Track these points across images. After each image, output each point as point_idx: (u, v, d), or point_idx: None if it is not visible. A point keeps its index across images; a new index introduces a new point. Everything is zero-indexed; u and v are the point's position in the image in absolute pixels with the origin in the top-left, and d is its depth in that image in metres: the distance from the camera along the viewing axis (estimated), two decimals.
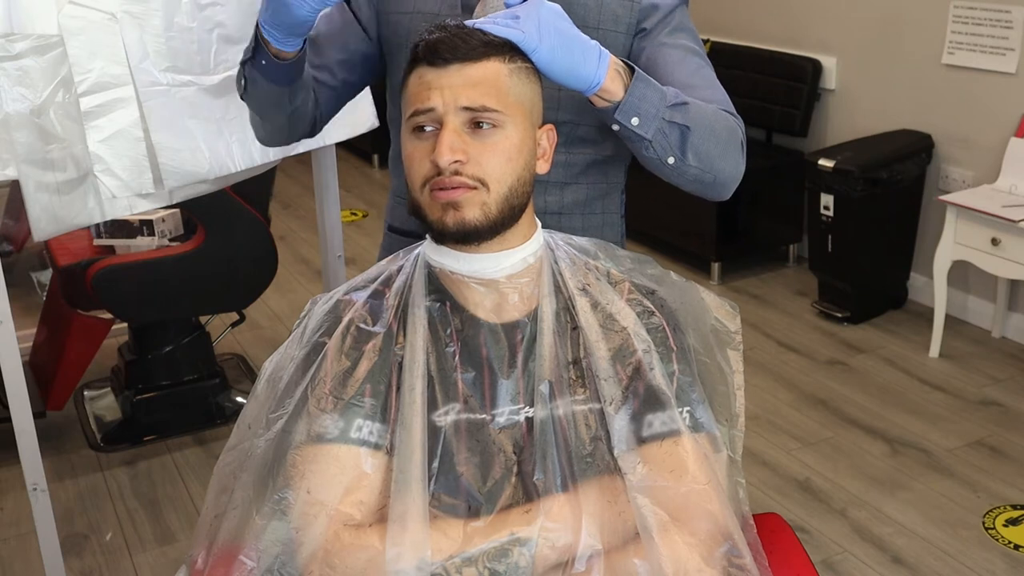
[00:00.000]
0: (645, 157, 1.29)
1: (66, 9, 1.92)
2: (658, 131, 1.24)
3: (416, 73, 1.17)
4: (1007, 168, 3.31)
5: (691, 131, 1.26)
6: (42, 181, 1.98)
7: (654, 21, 1.39)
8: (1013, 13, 3.32)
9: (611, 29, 1.38)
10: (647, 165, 1.31)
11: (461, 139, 1.13)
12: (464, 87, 1.13)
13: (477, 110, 1.13)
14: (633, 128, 1.23)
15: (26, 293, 3.57)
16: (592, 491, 1.14)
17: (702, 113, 1.29)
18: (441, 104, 1.13)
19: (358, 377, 1.17)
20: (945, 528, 2.54)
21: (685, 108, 1.26)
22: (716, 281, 4.10)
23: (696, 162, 1.28)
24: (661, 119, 1.24)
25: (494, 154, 1.14)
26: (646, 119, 1.23)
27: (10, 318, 1.98)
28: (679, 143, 1.26)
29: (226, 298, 2.99)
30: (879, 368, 3.38)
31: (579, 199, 1.45)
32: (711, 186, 1.33)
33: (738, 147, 1.34)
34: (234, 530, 1.17)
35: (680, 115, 1.26)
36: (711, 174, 1.31)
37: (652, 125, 1.24)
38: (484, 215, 1.15)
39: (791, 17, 4.21)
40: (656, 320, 1.22)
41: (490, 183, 1.14)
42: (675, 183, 1.32)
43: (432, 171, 1.14)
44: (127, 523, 2.65)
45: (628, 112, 1.22)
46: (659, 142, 1.25)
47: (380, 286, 1.24)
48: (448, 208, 1.14)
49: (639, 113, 1.23)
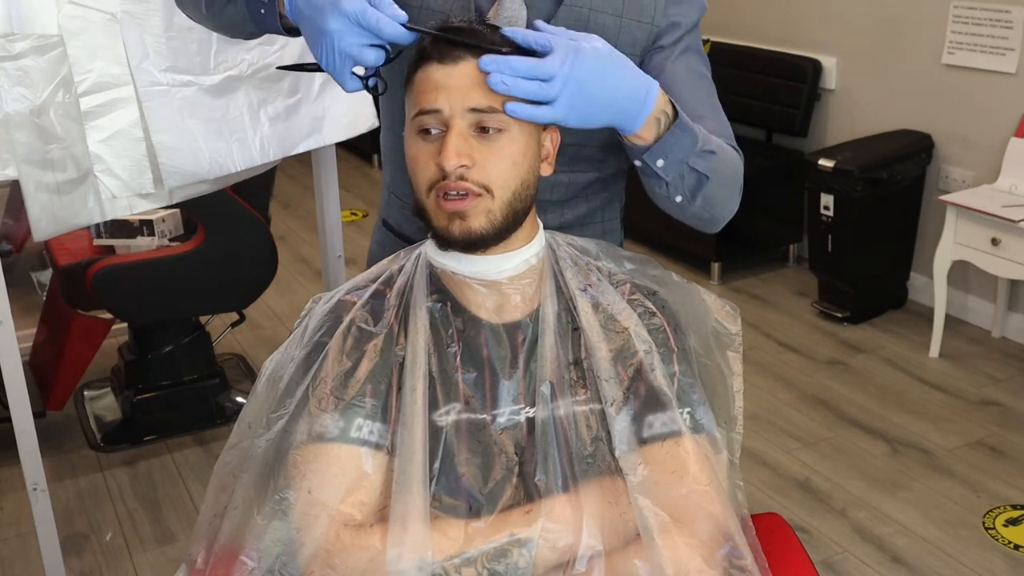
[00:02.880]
0: (654, 192, 1.25)
1: (66, 9, 1.92)
2: (678, 175, 1.21)
3: (423, 70, 1.14)
4: (1007, 168, 3.31)
5: (709, 180, 1.23)
6: (42, 181, 1.98)
7: (670, 39, 1.35)
8: (1013, 13, 3.32)
9: (628, 52, 1.33)
10: (651, 196, 1.28)
11: (467, 143, 1.12)
12: (472, 88, 1.11)
13: (485, 111, 1.11)
14: (656, 168, 1.19)
15: (26, 293, 3.57)
16: (593, 492, 1.14)
17: (722, 162, 1.26)
18: (448, 107, 1.12)
19: (359, 377, 1.17)
20: (945, 528, 2.54)
21: (711, 157, 1.23)
22: (716, 281, 4.10)
23: (702, 204, 1.26)
24: (685, 164, 1.20)
25: (500, 159, 1.13)
26: (671, 163, 1.19)
27: (10, 318, 1.98)
28: (693, 188, 1.23)
29: (226, 298, 2.98)
30: (879, 368, 3.38)
31: (579, 214, 1.43)
32: (706, 222, 1.31)
33: (739, 189, 1.32)
34: (235, 530, 1.17)
35: (704, 163, 1.22)
36: (709, 213, 1.29)
37: (675, 169, 1.20)
38: (490, 223, 1.14)
39: (791, 17, 4.21)
40: (657, 321, 1.22)
41: (494, 189, 1.13)
42: (671, 214, 1.29)
43: (438, 175, 1.13)
44: (127, 523, 2.65)
45: (656, 155, 1.18)
46: (675, 184, 1.22)
47: (381, 286, 1.23)
48: (454, 218, 1.13)
49: (666, 156, 1.18)
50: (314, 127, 2.37)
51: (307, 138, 2.36)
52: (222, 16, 1.36)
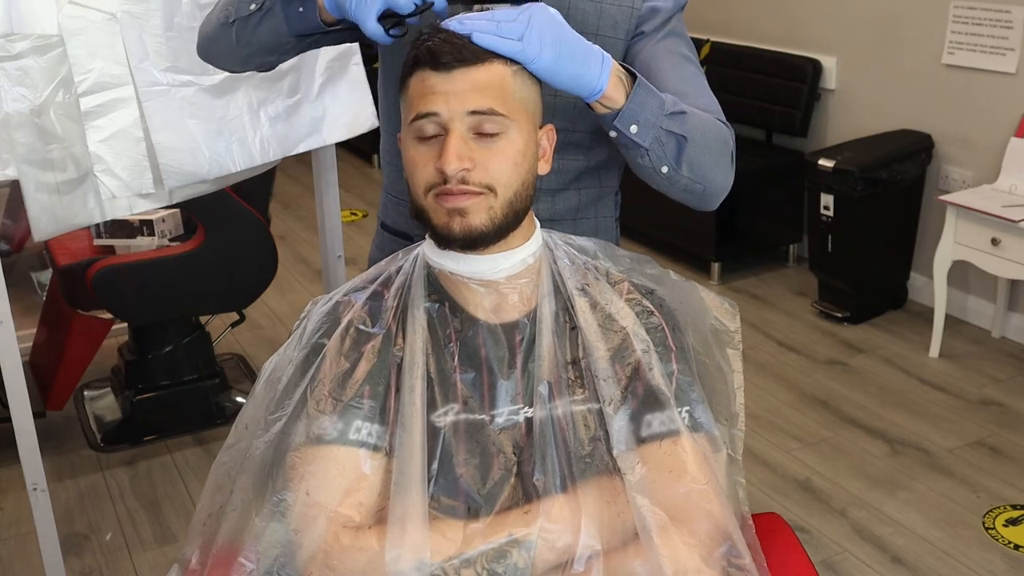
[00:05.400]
0: (639, 165, 1.27)
1: (66, 9, 1.92)
2: (655, 140, 1.23)
3: (418, 76, 1.14)
4: (1007, 168, 3.31)
5: (688, 141, 1.25)
6: (42, 181, 1.98)
7: (651, 25, 1.37)
8: (1013, 13, 3.32)
9: (610, 35, 1.36)
10: (639, 173, 1.29)
11: (467, 146, 1.12)
12: (470, 92, 1.11)
13: (485, 113, 1.12)
14: (631, 136, 1.22)
15: (26, 293, 3.56)
16: (591, 491, 1.14)
17: (698, 123, 1.27)
18: (447, 110, 1.12)
19: (357, 379, 1.17)
20: (945, 528, 2.54)
21: (683, 118, 1.25)
22: (716, 281, 4.10)
23: (689, 172, 1.27)
24: (659, 128, 1.22)
25: (501, 160, 1.13)
26: (644, 127, 1.21)
27: (10, 318, 1.98)
28: (675, 153, 1.25)
29: (226, 298, 2.98)
30: (879, 368, 3.38)
31: (571, 206, 1.44)
32: (700, 196, 1.32)
33: (729, 158, 1.33)
34: (233, 532, 1.17)
35: (678, 124, 1.24)
36: (701, 184, 1.30)
37: (650, 134, 1.22)
38: (491, 220, 1.14)
39: (791, 17, 4.21)
40: (655, 320, 1.22)
41: (497, 188, 1.13)
42: (665, 191, 1.31)
43: (437, 178, 1.13)
44: (127, 523, 2.65)
45: (627, 119, 1.20)
46: (655, 151, 1.24)
47: (379, 287, 1.23)
48: (455, 214, 1.13)
49: (638, 121, 1.21)
50: (314, 127, 2.37)
51: (307, 138, 2.37)
52: (255, 39, 1.36)
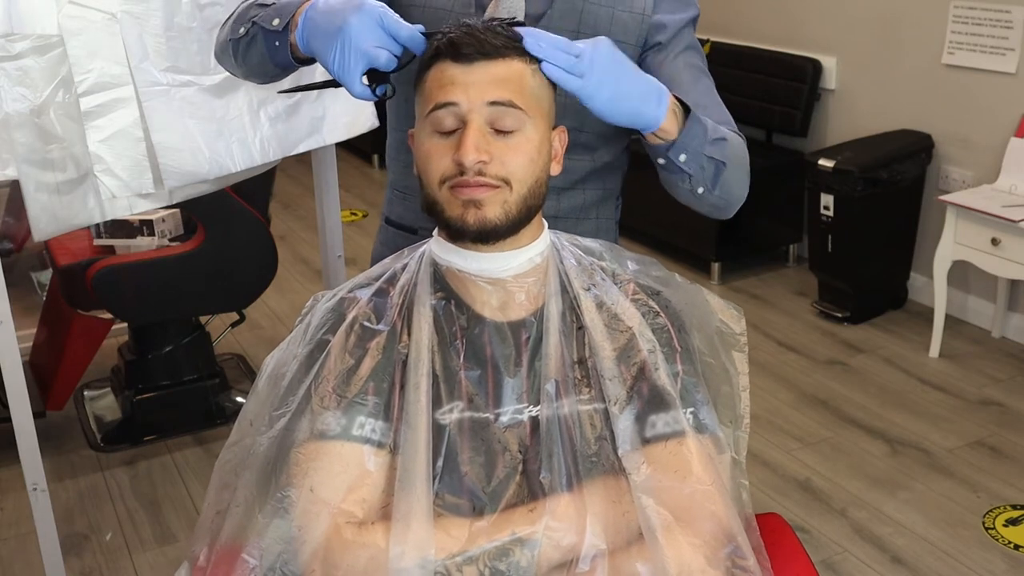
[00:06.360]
0: (677, 187, 1.30)
1: (66, 9, 1.92)
2: (699, 166, 1.26)
3: (437, 68, 1.14)
4: (1007, 168, 3.31)
5: (726, 167, 1.29)
6: (42, 181, 1.98)
7: (667, 36, 1.40)
8: (1013, 13, 3.33)
9: (621, 40, 1.36)
10: (671, 190, 1.33)
11: (485, 139, 1.12)
12: (489, 83, 1.12)
13: (504, 104, 1.12)
14: (679, 164, 1.24)
15: (26, 293, 3.56)
16: (596, 491, 1.14)
17: (734, 146, 1.32)
18: (466, 100, 1.12)
19: (362, 375, 1.17)
20: (945, 528, 2.54)
21: (724, 144, 1.28)
22: (716, 281, 4.10)
23: (720, 192, 1.31)
24: (703, 155, 1.25)
25: (517, 154, 1.14)
26: (692, 156, 1.24)
27: (10, 318, 1.98)
28: (713, 176, 1.28)
29: (226, 298, 2.98)
30: (879, 368, 3.38)
31: (575, 205, 1.46)
32: (723, 209, 1.37)
33: (748, 171, 1.38)
34: (236, 528, 1.17)
35: (719, 151, 1.27)
36: (725, 200, 1.35)
37: (696, 161, 1.25)
38: (505, 214, 1.14)
39: (791, 17, 4.21)
40: (661, 321, 1.22)
41: (513, 182, 1.14)
42: (691, 206, 1.35)
43: (454, 170, 1.13)
44: (127, 523, 2.65)
45: (679, 150, 1.23)
46: (697, 176, 1.27)
47: (384, 284, 1.23)
48: (469, 206, 1.13)
49: (687, 150, 1.24)
50: (314, 127, 2.37)
51: (307, 138, 2.36)
52: (248, 60, 1.39)
